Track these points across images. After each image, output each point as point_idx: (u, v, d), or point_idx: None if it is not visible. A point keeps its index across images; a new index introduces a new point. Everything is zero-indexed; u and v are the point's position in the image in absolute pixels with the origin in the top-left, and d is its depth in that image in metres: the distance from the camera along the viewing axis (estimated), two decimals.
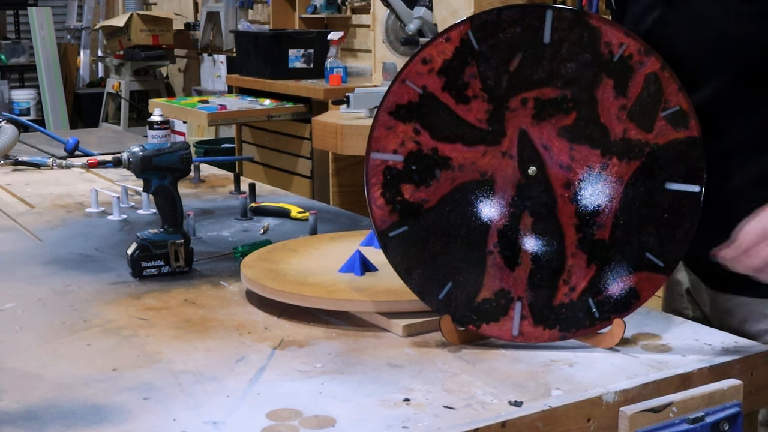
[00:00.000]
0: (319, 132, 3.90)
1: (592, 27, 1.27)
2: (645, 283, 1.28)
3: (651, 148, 1.28)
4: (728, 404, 1.18)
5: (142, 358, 1.26)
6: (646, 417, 1.13)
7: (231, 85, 5.63)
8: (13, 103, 8.55)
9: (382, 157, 1.30)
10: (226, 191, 2.34)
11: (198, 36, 7.29)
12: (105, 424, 1.07)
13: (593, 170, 1.30)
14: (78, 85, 9.07)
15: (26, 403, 1.12)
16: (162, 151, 1.64)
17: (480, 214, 1.30)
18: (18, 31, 9.08)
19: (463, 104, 1.29)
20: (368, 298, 1.37)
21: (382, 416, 1.08)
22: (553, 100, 1.29)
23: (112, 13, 8.92)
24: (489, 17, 1.29)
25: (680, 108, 1.28)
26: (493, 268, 1.29)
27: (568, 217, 1.30)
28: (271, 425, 1.06)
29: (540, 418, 1.08)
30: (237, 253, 1.72)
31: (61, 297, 1.52)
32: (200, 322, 1.40)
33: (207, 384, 1.17)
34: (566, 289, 1.29)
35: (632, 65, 1.27)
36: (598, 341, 1.28)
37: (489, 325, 1.28)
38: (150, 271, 1.61)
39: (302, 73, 5.08)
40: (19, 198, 2.26)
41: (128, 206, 2.14)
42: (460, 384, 1.17)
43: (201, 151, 5.80)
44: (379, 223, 1.31)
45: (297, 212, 2.03)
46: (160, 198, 1.64)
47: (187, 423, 1.07)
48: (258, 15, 6.62)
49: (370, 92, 4.02)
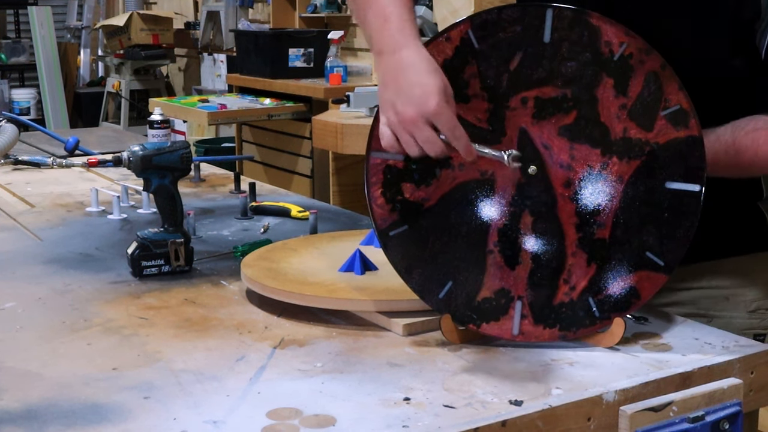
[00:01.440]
0: (319, 131, 3.90)
1: (593, 26, 1.27)
2: (645, 282, 1.28)
3: (651, 148, 1.28)
4: (728, 403, 1.18)
5: (142, 358, 1.26)
6: (646, 416, 1.13)
7: (231, 84, 5.64)
8: (14, 103, 8.55)
9: (382, 156, 1.30)
10: (227, 190, 2.34)
11: (198, 35, 7.29)
12: (105, 424, 1.07)
13: (593, 169, 1.30)
14: (78, 84, 9.07)
15: (26, 402, 1.12)
16: (162, 150, 1.64)
17: (480, 213, 1.30)
18: (18, 30, 9.08)
19: (463, 103, 1.29)
20: (368, 297, 1.37)
21: (383, 415, 1.08)
22: (553, 100, 1.29)
23: (113, 12, 8.93)
24: (489, 16, 1.29)
25: (681, 107, 1.27)
26: (494, 268, 1.29)
27: (569, 216, 1.30)
28: (271, 424, 1.06)
29: (540, 417, 1.08)
30: (237, 253, 1.72)
31: (61, 296, 1.52)
32: (200, 322, 1.40)
33: (207, 383, 1.17)
34: (566, 289, 1.29)
35: (632, 64, 1.27)
36: (599, 340, 1.28)
37: (489, 324, 1.28)
38: (150, 270, 1.61)
39: (302, 73, 5.09)
40: (19, 197, 2.26)
41: (128, 205, 2.14)
42: (460, 383, 1.17)
43: (201, 150, 5.80)
44: (380, 222, 1.31)
45: (297, 211, 2.03)
46: (160, 197, 1.64)
47: (187, 422, 1.07)
48: (258, 14, 6.62)
49: (370, 91, 4.02)
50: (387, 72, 1.25)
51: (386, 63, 1.26)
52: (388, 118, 1.24)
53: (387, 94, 1.24)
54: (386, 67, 1.26)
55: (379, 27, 1.27)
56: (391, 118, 1.24)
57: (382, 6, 1.27)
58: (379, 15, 1.27)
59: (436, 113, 1.20)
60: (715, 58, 1.38)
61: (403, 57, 1.24)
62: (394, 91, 1.23)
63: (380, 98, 1.26)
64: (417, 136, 1.22)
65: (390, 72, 1.25)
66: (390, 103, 1.23)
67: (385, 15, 1.26)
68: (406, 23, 1.26)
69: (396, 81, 1.23)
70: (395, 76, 1.24)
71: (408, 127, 1.22)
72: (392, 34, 1.25)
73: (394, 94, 1.23)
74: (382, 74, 1.27)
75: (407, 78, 1.22)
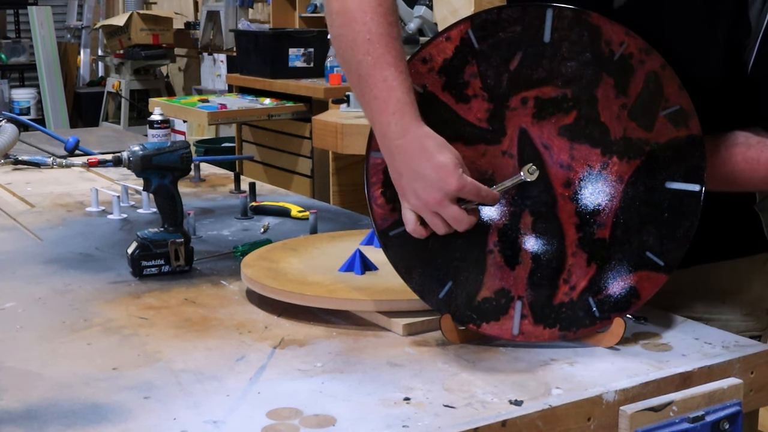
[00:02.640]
0: (320, 131, 3.90)
1: (593, 26, 1.27)
2: (645, 282, 1.28)
3: (651, 147, 1.28)
4: (728, 403, 1.18)
5: (142, 358, 1.26)
6: (646, 416, 1.13)
7: (231, 84, 5.63)
8: (14, 102, 8.55)
9: (382, 156, 1.30)
10: (227, 190, 2.34)
11: (198, 35, 7.30)
12: (105, 423, 1.06)
13: (593, 169, 1.30)
14: (78, 84, 9.07)
15: (26, 402, 1.12)
16: (162, 150, 1.64)
17: (480, 213, 1.30)
18: (18, 30, 9.09)
19: (463, 103, 1.29)
20: (368, 297, 1.37)
21: (383, 415, 1.08)
22: (553, 99, 1.29)
23: (113, 12, 8.93)
24: (489, 16, 1.29)
25: (681, 107, 1.27)
26: (494, 268, 1.29)
27: (569, 216, 1.30)
28: (271, 424, 1.06)
29: (540, 417, 1.08)
30: (237, 252, 1.72)
31: (61, 296, 1.52)
32: (200, 322, 1.40)
33: (207, 383, 1.17)
34: (566, 288, 1.29)
35: (632, 64, 1.27)
36: (599, 340, 1.28)
37: (489, 324, 1.28)
38: (150, 270, 1.61)
39: (302, 72, 5.08)
40: (19, 197, 2.26)
41: (128, 205, 2.14)
42: (460, 383, 1.17)
43: (201, 150, 5.80)
44: (380, 222, 1.31)
45: (297, 211, 2.03)
46: (160, 197, 1.64)
47: (187, 422, 1.07)
48: (258, 14, 6.62)
49: None
50: (397, 159, 1.25)
51: (393, 149, 1.25)
52: (411, 203, 1.24)
53: (404, 182, 1.24)
54: (394, 153, 1.25)
55: (378, 110, 1.25)
56: (414, 203, 1.24)
57: (379, 89, 1.25)
58: (377, 97, 1.25)
59: (458, 189, 1.21)
60: (708, 75, 1.38)
61: (409, 143, 1.23)
62: (411, 178, 1.23)
63: (397, 185, 1.26)
64: (444, 215, 1.23)
65: (401, 159, 1.24)
66: (410, 189, 1.24)
67: (383, 98, 1.25)
68: (406, 106, 1.24)
69: (410, 167, 1.23)
70: (407, 162, 1.23)
71: (435, 209, 1.23)
72: (393, 120, 1.24)
73: (413, 181, 1.23)
74: (391, 160, 1.26)
75: (420, 164, 1.22)
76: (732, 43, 1.34)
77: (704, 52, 1.36)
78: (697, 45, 1.36)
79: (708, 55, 1.36)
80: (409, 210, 1.25)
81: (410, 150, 1.23)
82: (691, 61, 1.35)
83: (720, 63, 1.36)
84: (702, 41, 1.35)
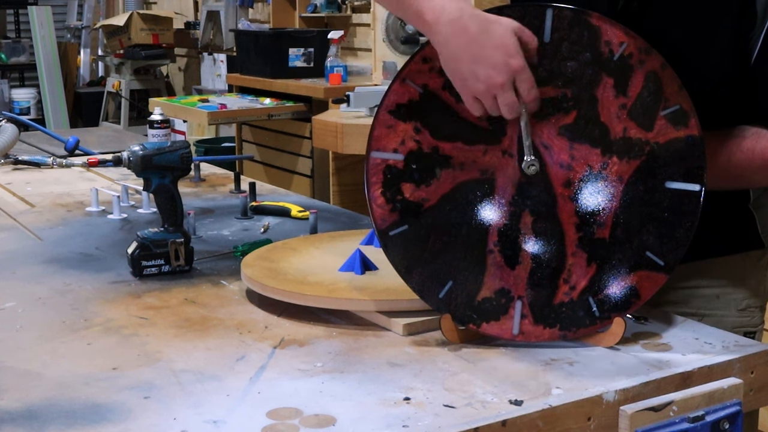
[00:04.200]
0: (320, 131, 3.90)
1: (592, 26, 1.27)
2: (645, 282, 1.28)
3: (651, 147, 1.28)
4: (728, 403, 1.18)
5: (142, 357, 1.26)
6: (646, 416, 1.13)
7: (231, 84, 5.64)
8: (14, 102, 8.55)
9: (382, 156, 1.30)
10: (227, 190, 2.34)
11: (198, 35, 7.29)
12: (105, 423, 1.07)
13: (593, 169, 1.30)
14: (78, 84, 9.07)
15: (26, 402, 1.12)
16: (162, 150, 1.64)
17: (480, 213, 1.30)
18: (18, 30, 9.09)
19: (464, 103, 1.29)
20: (368, 297, 1.37)
21: (383, 415, 1.08)
22: (553, 99, 1.29)
23: (113, 12, 8.93)
24: None
25: (680, 107, 1.27)
26: (494, 267, 1.29)
27: (569, 216, 1.30)
28: (271, 424, 1.06)
29: (540, 417, 1.08)
30: (237, 252, 1.72)
31: (62, 296, 1.52)
32: (200, 321, 1.40)
33: (207, 383, 1.17)
34: (566, 288, 1.29)
35: (632, 64, 1.27)
36: (599, 340, 1.28)
37: (489, 324, 1.28)
38: (150, 270, 1.61)
39: (302, 72, 5.09)
40: (19, 197, 2.26)
41: (128, 205, 2.14)
42: (460, 383, 1.17)
43: (201, 150, 5.80)
44: (380, 222, 1.31)
45: (297, 211, 2.03)
46: (160, 197, 1.64)
47: (187, 422, 1.07)
48: (258, 14, 6.62)
49: (370, 91, 4.02)
50: (453, 43, 1.22)
51: (449, 32, 1.22)
52: (473, 88, 1.23)
53: (462, 65, 1.22)
54: (449, 37, 1.22)
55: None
56: (476, 87, 1.22)
57: None
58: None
59: (520, 69, 1.21)
60: (715, 64, 1.38)
61: (467, 23, 1.21)
62: (471, 61, 1.21)
63: (452, 70, 1.24)
64: (500, 100, 1.22)
65: (458, 41, 1.21)
66: (470, 73, 1.22)
67: None
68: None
69: (469, 50, 1.21)
70: (466, 45, 1.21)
71: (496, 91, 1.22)
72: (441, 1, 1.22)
73: (473, 63, 1.21)
74: (445, 47, 1.23)
75: (481, 44, 1.20)
76: (737, 33, 1.34)
77: (708, 49, 1.36)
78: (702, 41, 1.36)
79: (712, 51, 1.36)
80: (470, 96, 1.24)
81: (470, 29, 1.21)
82: (695, 58, 1.35)
83: (723, 58, 1.36)
84: (707, 36, 1.35)
